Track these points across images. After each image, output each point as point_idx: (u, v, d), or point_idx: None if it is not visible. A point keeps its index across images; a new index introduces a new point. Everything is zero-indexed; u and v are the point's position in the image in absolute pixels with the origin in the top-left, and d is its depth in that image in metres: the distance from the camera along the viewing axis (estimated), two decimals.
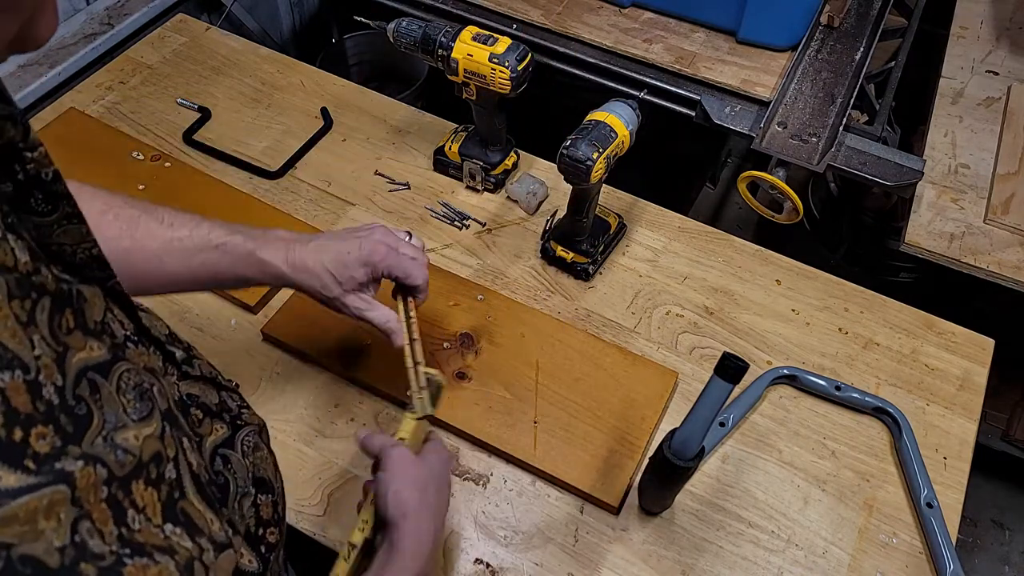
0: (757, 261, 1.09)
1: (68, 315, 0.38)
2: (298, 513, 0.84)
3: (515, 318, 0.99)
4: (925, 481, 0.86)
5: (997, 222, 1.18)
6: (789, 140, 1.25)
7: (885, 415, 0.92)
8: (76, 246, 0.46)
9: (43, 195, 0.43)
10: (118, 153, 1.16)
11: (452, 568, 0.82)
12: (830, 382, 0.94)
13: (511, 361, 0.95)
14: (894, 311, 1.04)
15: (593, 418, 0.90)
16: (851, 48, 1.42)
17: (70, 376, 0.37)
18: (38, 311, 0.36)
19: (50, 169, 0.43)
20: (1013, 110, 1.34)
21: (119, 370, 0.41)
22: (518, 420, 0.90)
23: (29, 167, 0.42)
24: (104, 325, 0.43)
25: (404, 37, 1.05)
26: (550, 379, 0.94)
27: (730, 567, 0.82)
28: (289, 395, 0.94)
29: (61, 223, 0.44)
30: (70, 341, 0.38)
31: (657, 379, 0.94)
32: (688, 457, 0.74)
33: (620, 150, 0.93)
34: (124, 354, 0.43)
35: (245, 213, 1.10)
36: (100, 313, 0.43)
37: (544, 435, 0.89)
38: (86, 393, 0.37)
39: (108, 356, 0.41)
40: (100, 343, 0.40)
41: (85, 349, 0.39)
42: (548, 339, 0.97)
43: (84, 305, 0.41)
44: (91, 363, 0.39)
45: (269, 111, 1.27)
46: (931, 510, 0.84)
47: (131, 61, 1.34)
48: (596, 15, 1.45)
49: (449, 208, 1.14)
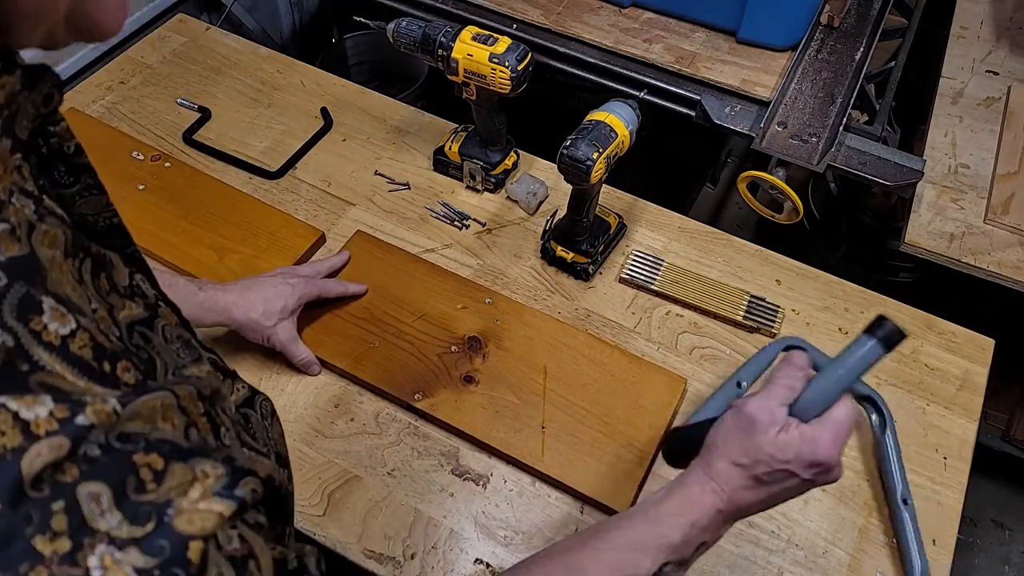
0: (757, 261, 1.09)
1: (103, 277, 0.40)
2: (298, 513, 0.84)
3: (522, 321, 0.99)
4: (900, 476, 0.85)
5: (997, 222, 1.18)
6: (789, 140, 1.25)
7: (869, 403, 0.91)
8: (98, 215, 0.47)
9: (66, 167, 0.45)
10: (118, 153, 1.16)
11: (452, 568, 0.82)
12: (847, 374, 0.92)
13: (519, 365, 0.94)
14: (894, 311, 1.04)
15: (601, 424, 0.90)
16: (851, 48, 1.42)
17: (123, 329, 0.39)
18: (84, 270, 0.37)
19: (72, 142, 0.44)
20: (1013, 110, 1.34)
21: (160, 324, 0.43)
22: (526, 425, 0.89)
23: (53, 140, 0.43)
24: (134, 288, 0.45)
25: (404, 37, 1.05)
26: (558, 384, 0.93)
27: (730, 567, 0.82)
28: (289, 395, 0.94)
29: (83, 194, 0.46)
30: (112, 300, 0.39)
31: (665, 385, 0.93)
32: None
33: (620, 150, 0.93)
34: (158, 312, 0.44)
35: (245, 213, 1.10)
36: (126, 278, 0.45)
37: (552, 440, 0.88)
38: (141, 343, 0.40)
39: (146, 314, 0.42)
40: (135, 303, 0.42)
41: (125, 308, 0.40)
42: (555, 343, 0.97)
43: (113, 271, 0.42)
44: (135, 319, 0.41)
45: (269, 111, 1.27)
46: (906, 507, 0.83)
47: (131, 61, 1.34)
48: (596, 15, 1.45)
49: (449, 208, 1.14)
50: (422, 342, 0.96)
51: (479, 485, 0.87)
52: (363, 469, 0.88)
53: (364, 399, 0.94)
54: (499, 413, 0.90)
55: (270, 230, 1.08)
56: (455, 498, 0.86)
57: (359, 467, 0.88)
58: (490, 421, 0.90)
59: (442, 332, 0.97)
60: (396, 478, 0.87)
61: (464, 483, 0.87)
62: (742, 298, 1.02)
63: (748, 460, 0.58)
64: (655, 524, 0.58)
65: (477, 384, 0.93)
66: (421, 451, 0.90)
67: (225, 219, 1.09)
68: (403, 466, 0.88)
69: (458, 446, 0.90)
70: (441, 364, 0.94)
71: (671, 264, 1.06)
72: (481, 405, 0.91)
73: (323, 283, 0.97)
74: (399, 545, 0.83)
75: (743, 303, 1.02)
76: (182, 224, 1.08)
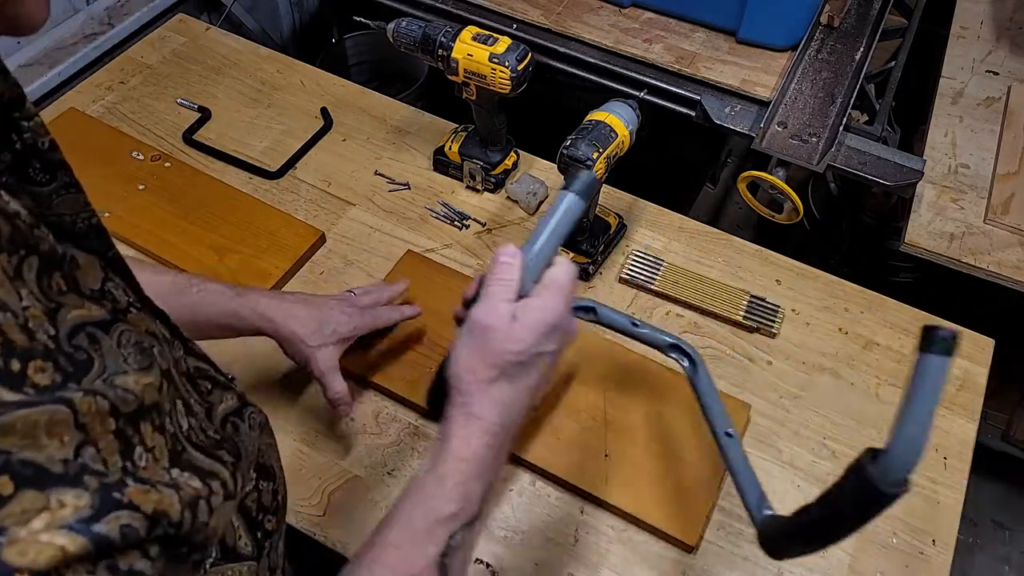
0: (757, 261, 1.09)
1: (58, 277, 0.39)
2: (298, 513, 0.84)
3: (578, 342, 0.96)
4: (722, 412, 0.83)
5: (997, 222, 1.18)
6: (789, 140, 1.25)
7: (679, 352, 0.90)
8: (75, 216, 0.46)
9: (41, 164, 0.44)
10: (118, 153, 1.16)
11: None
12: (627, 318, 0.90)
13: (579, 389, 0.92)
14: (894, 311, 1.04)
15: (664, 451, 0.87)
16: (851, 48, 1.42)
17: (64, 328, 0.37)
18: (25, 268, 0.36)
19: (46, 138, 0.43)
20: (1013, 110, 1.34)
21: (119, 329, 0.42)
22: (589, 454, 0.87)
23: (26, 136, 0.42)
24: (104, 292, 0.43)
25: (404, 37, 1.05)
26: (617, 409, 0.90)
27: (730, 567, 0.82)
28: (289, 395, 0.94)
29: (60, 192, 0.45)
30: (64, 300, 0.38)
31: (731, 412, 0.90)
32: (902, 479, 0.53)
33: (620, 150, 0.93)
34: (126, 318, 0.43)
35: (245, 213, 1.10)
36: (97, 281, 0.43)
37: (616, 469, 0.86)
38: (85, 343, 0.38)
39: (108, 317, 0.41)
40: (99, 307, 0.41)
41: (84, 308, 0.39)
42: (612, 364, 0.94)
43: (77, 272, 0.41)
44: (90, 320, 0.39)
45: (269, 111, 1.27)
46: (730, 439, 0.82)
47: (131, 61, 1.34)
48: (596, 15, 1.45)
49: (449, 208, 1.14)
50: None
51: None
52: (363, 469, 0.88)
53: (364, 399, 0.94)
54: (560, 440, 0.88)
55: (270, 230, 1.08)
56: None
57: (359, 467, 0.88)
58: (553, 450, 0.87)
59: None
60: (396, 478, 0.87)
61: None
62: (742, 298, 1.02)
63: (496, 370, 0.57)
64: (427, 501, 0.55)
65: (535, 410, 0.90)
66: (421, 451, 0.90)
67: (225, 219, 1.09)
68: (403, 466, 0.88)
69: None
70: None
71: (671, 264, 1.06)
72: (542, 432, 0.89)
73: (379, 312, 0.91)
74: None
75: (743, 303, 1.02)
76: (182, 224, 1.08)
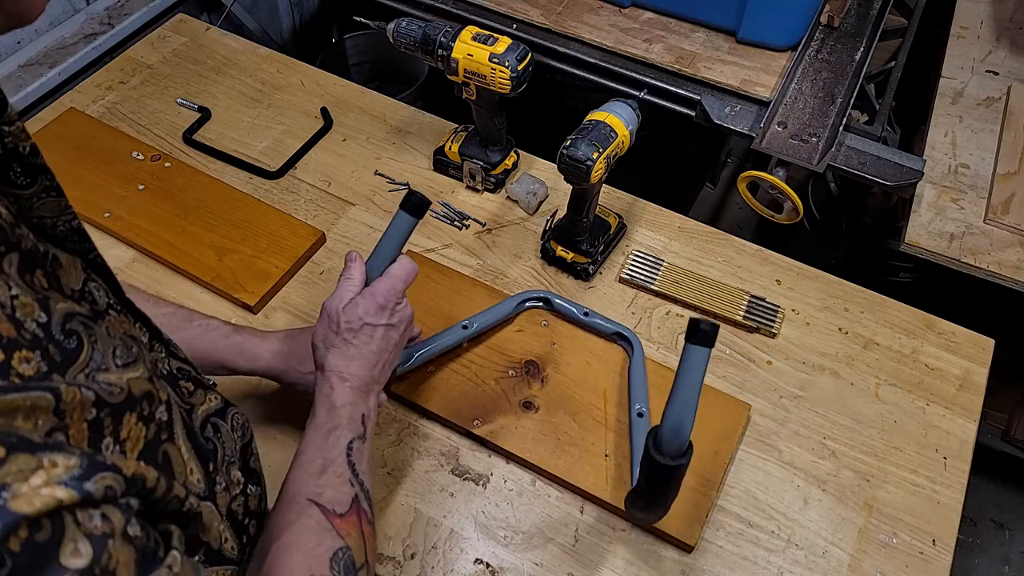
0: (757, 261, 1.09)
1: (39, 275, 0.40)
2: None
3: (579, 344, 0.97)
4: (643, 396, 0.90)
5: (997, 222, 1.18)
6: (789, 140, 1.25)
7: (623, 339, 0.96)
8: (56, 218, 0.47)
9: (22, 168, 0.44)
10: (118, 153, 1.16)
11: (452, 568, 0.82)
12: (579, 307, 0.98)
13: (578, 390, 0.93)
14: (894, 311, 1.04)
15: None
16: (851, 48, 1.42)
17: (56, 315, 0.38)
18: (5, 264, 0.37)
19: (27, 143, 0.44)
20: (1013, 110, 1.34)
21: (105, 323, 0.43)
22: (588, 453, 0.87)
23: (7, 140, 0.43)
24: (84, 292, 0.44)
25: (404, 37, 1.05)
26: (619, 409, 0.91)
27: (730, 567, 0.82)
28: (289, 395, 0.94)
29: (40, 196, 0.46)
30: (49, 295, 0.39)
31: (730, 412, 0.91)
32: (681, 452, 0.66)
33: (620, 150, 0.93)
34: (105, 319, 0.44)
35: (245, 213, 1.10)
36: (78, 282, 0.44)
37: (616, 470, 0.86)
38: (80, 328, 0.39)
39: (91, 314, 0.42)
40: (79, 306, 0.41)
41: (67, 302, 0.40)
42: (614, 367, 0.95)
43: (59, 271, 0.42)
44: (78, 312, 0.40)
45: (269, 111, 1.27)
46: (640, 419, 0.88)
47: (131, 61, 1.34)
48: (596, 15, 1.45)
49: (449, 208, 1.14)
50: (478, 366, 0.94)
51: (479, 485, 0.87)
52: None
53: None
54: (560, 440, 0.88)
55: (270, 230, 1.08)
56: (455, 498, 0.86)
57: None
58: (552, 449, 0.88)
59: (499, 356, 0.95)
60: (396, 478, 0.87)
61: (464, 483, 0.87)
62: (742, 298, 1.02)
63: (337, 338, 0.70)
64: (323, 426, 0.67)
65: (537, 410, 0.90)
66: (421, 451, 0.90)
67: (225, 219, 1.09)
68: (403, 466, 0.88)
69: (458, 445, 0.90)
70: (499, 389, 0.92)
71: (671, 264, 1.06)
72: (542, 432, 0.89)
73: None
74: (399, 545, 0.83)
75: (743, 303, 1.02)
76: (182, 224, 1.08)
